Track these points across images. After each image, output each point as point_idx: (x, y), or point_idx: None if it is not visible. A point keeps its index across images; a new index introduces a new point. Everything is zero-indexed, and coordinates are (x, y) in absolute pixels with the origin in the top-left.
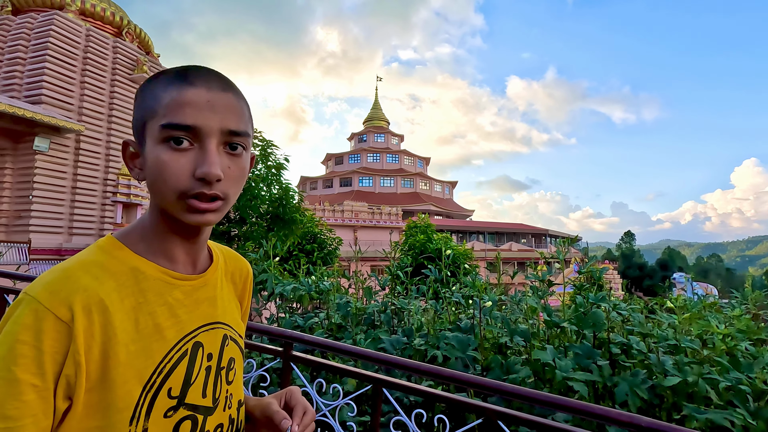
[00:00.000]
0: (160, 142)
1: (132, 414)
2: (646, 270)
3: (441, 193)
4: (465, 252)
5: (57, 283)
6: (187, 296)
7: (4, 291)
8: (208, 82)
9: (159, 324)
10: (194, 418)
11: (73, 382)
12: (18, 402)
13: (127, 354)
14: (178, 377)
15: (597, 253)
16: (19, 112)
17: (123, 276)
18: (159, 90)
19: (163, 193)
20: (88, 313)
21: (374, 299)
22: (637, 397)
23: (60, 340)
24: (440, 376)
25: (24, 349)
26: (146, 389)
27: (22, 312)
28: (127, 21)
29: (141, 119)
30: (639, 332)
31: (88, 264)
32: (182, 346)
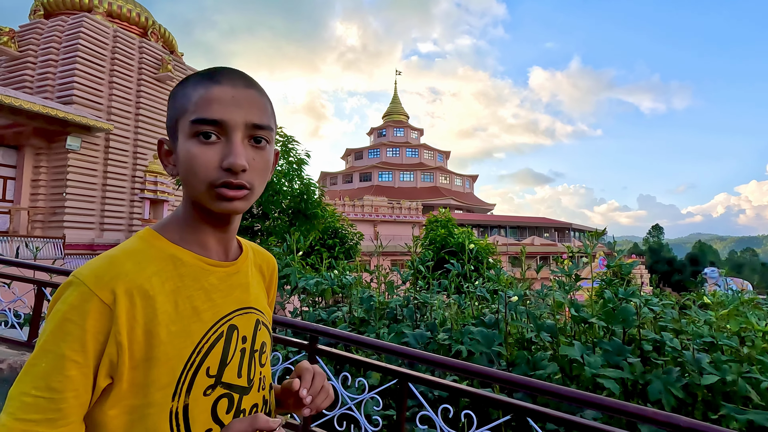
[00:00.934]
0: (190, 137)
1: (174, 390)
2: (676, 265)
3: (461, 187)
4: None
5: (102, 269)
6: (221, 282)
7: (42, 284)
8: (232, 80)
9: (196, 307)
10: (231, 396)
11: (115, 361)
12: (62, 376)
13: (168, 334)
14: (215, 357)
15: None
16: (52, 113)
17: (162, 262)
18: (189, 90)
19: (193, 185)
20: (130, 296)
21: (396, 293)
22: (671, 395)
23: (102, 321)
24: (468, 372)
25: (70, 327)
26: (187, 367)
27: (70, 293)
28: (151, 21)
29: (173, 118)
30: (672, 329)
31: (130, 252)
32: (218, 327)
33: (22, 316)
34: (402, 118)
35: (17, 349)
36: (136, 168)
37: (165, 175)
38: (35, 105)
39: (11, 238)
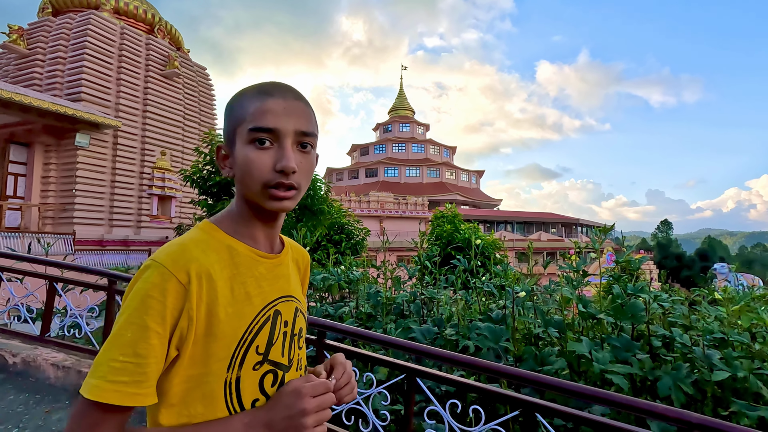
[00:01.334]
0: (247, 143)
1: (229, 363)
2: (684, 260)
3: (467, 183)
4: (494, 242)
5: (177, 254)
6: (268, 271)
7: (53, 279)
8: (283, 93)
9: (249, 292)
10: (275, 372)
11: (184, 334)
12: (146, 344)
13: (226, 314)
14: (263, 337)
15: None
16: (61, 110)
17: (221, 252)
18: (245, 102)
19: (249, 185)
20: (199, 278)
21: (403, 289)
22: (681, 391)
23: (179, 298)
24: (475, 367)
25: (152, 302)
26: (240, 344)
27: (151, 273)
28: (158, 18)
29: (232, 126)
30: (682, 325)
31: (197, 241)
32: (266, 312)
33: (34, 311)
34: (408, 113)
35: (30, 344)
36: (144, 164)
37: (172, 172)
38: (45, 102)
39: (23, 234)
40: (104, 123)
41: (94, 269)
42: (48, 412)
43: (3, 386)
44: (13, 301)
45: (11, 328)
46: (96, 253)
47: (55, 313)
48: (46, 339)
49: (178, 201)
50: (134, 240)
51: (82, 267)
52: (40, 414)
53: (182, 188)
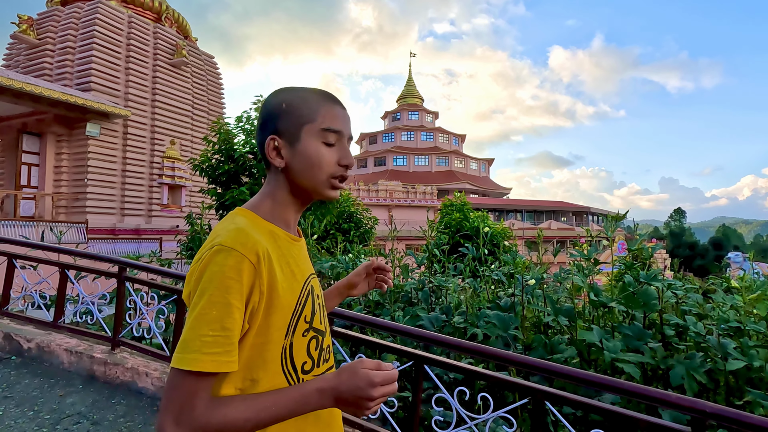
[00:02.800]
0: (318, 140)
1: (285, 332)
2: (698, 249)
3: (477, 171)
4: (503, 230)
5: (244, 237)
6: (299, 252)
7: (66, 267)
8: (341, 104)
9: (293, 270)
10: (317, 338)
11: (256, 307)
12: (231, 319)
13: (282, 289)
14: (308, 308)
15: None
16: (71, 100)
17: (266, 235)
18: (314, 104)
19: (315, 176)
20: (264, 258)
21: (411, 277)
22: (694, 381)
23: (251, 276)
24: (484, 354)
25: (231, 282)
26: (294, 315)
27: (225, 257)
28: (165, 6)
29: (297, 123)
30: (696, 313)
31: (249, 226)
32: (306, 286)
33: (47, 298)
34: (417, 101)
35: (44, 329)
36: (153, 154)
37: (182, 161)
38: (55, 92)
39: (37, 223)
40: (114, 112)
41: (104, 257)
42: (62, 395)
43: (19, 370)
44: (28, 288)
45: (26, 314)
46: (109, 241)
47: (67, 299)
48: (60, 325)
49: (188, 190)
50: (146, 228)
51: (93, 254)
52: (54, 398)
53: (192, 177)
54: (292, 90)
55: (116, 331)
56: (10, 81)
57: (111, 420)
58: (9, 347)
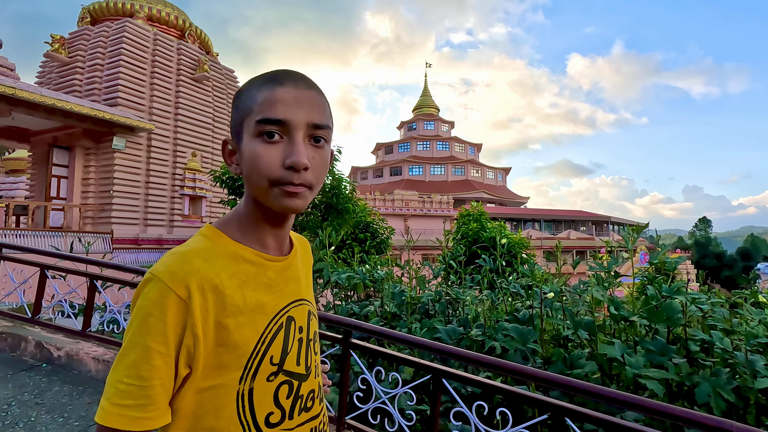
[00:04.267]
0: (255, 136)
1: (241, 375)
2: (725, 260)
3: (494, 180)
4: (521, 241)
5: (175, 266)
6: (278, 276)
7: (94, 277)
8: (295, 81)
9: (260, 299)
10: (291, 383)
11: (192, 351)
12: (149, 365)
13: (237, 325)
14: (277, 346)
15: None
16: (99, 115)
17: (227, 259)
18: (254, 92)
19: (256, 183)
20: (202, 291)
21: (427, 288)
22: (721, 398)
23: (179, 314)
24: (504, 369)
25: (152, 321)
26: (253, 355)
27: (149, 289)
28: (188, 23)
29: (239, 119)
30: (722, 328)
31: (199, 249)
32: (279, 319)
33: (76, 307)
34: (432, 110)
35: (72, 338)
36: (176, 166)
37: (203, 173)
38: (84, 108)
39: (65, 233)
40: (139, 126)
41: (130, 267)
42: (90, 403)
43: (49, 378)
44: (57, 297)
45: (56, 323)
46: (132, 251)
47: (95, 309)
48: (88, 334)
49: (209, 201)
50: (167, 239)
51: (119, 265)
52: (82, 405)
53: (212, 188)
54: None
55: None
56: (43, 98)
57: None
58: (40, 355)
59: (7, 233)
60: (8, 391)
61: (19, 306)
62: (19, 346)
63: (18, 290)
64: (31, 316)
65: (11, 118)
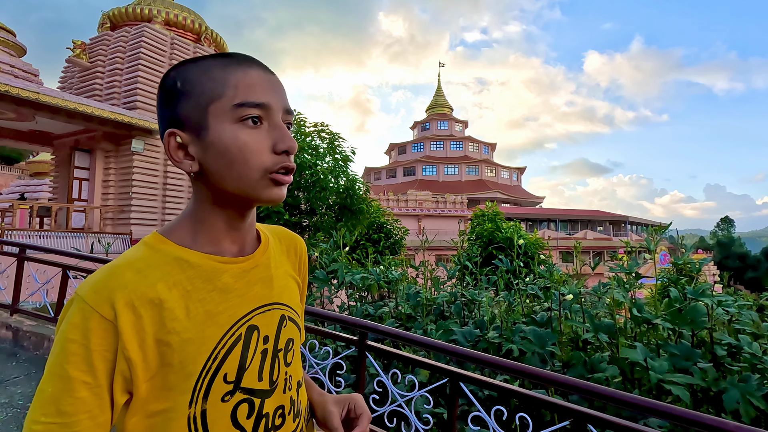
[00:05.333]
0: (234, 122)
1: (190, 397)
2: (749, 260)
3: (508, 180)
4: (537, 241)
5: (100, 283)
6: (237, 279)
7: None
8: (259, 64)
9: (210, 310)
10: (251, 401)
11: (128, 376)
12: (72, 398)
13: (181, 342)
14: (233, 362)
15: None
16: (119, 118)
17: (167, 267)
18: (217, 73)
19: (242, 173)
20: (132, 308)
21: (442, 289)
22: (750, 405)
23: (106, 338)
24: (522, 373)
25: (74, 347)
26: (202, 375)
27: (72, 312)
28: (204, 27)
29: (200, 104)
30: (750, 332)
31: (132, 260)
32: (236, 330)
33: None
34: (446, 110)
35: None
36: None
37: None
38: (105, 111)
39: (86, 234)
40: (157, 129)
41: None
42: None
43: None
44: None
45: None
46: None
47: None
48: None
49: None
50: None
51: None
52: None
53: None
54: (192, 62)
55: None
56: (65, 102)
57: None
58: None
59: (31, 234)
60: (32, 389)
61: (42, 306)
62: (43, 345)
63: (41, 290)
64: (53, 316)
65: (35, 122)
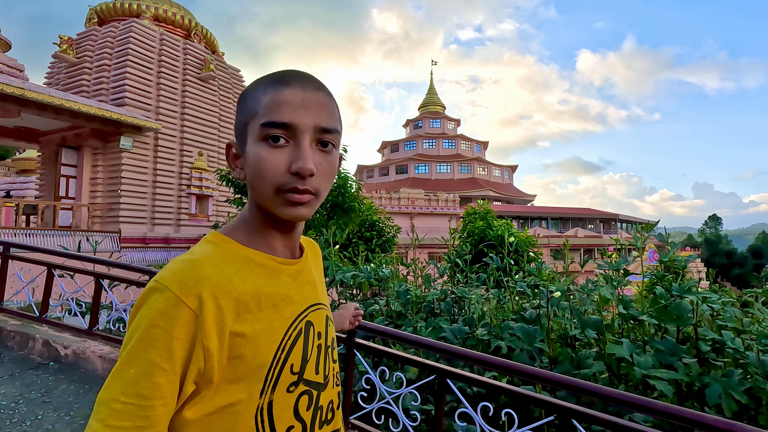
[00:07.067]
0: (259, 140)
1: (262, 387)
2: (736, 258)
3: (500, 178)
4: (528, 239)
5: (185, 274)
6: (293, 279)
7: (100, 276)
8: (302, 82)
9: (276, 305)
10: (311, 393)
11: (203, 367)
12: (150, 383)
13: (254, 333)
14: (297, 354)
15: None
16: (107, 115)
17: (238, 263)
18: (259, 93)
19: (260, 189)
20: (215, 300)
21: (433, 287)
22: (732, 400)
23: (188, 327)
24: (509, 370)
25: (157, 333)
26: (273, 364)
27: (155, 298)
28: (194, 23)
29: (243, 122)
30: (733, 328)
31: (208, 256)
32: (297, 324)
33: (83, 305)
34: (438, 108)
35: (79, 336)
36: (182, 165)
37: (209, 172)
38: (92, 108)
39: (74, 233)
40: (146, 126)
41: (136, 267)
42: None
43: (56, 376)
44: (65, 296)
45: (63, 321)
46: (139, 250)
47: (102, 307)
48: (94, 332)
49: (215, 200)
50: (174, 237)
51: (125, 264)
52: (89, 403)
53: (218, 187)
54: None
55: None
56: (52, 98)
57: None
58: (48, 353)
59: (17, 232)
60: (16, 389)
61: (27, 305)
62: (27, 345)
63: (26, 289)
64: (38, 315)
65: (20, 119)
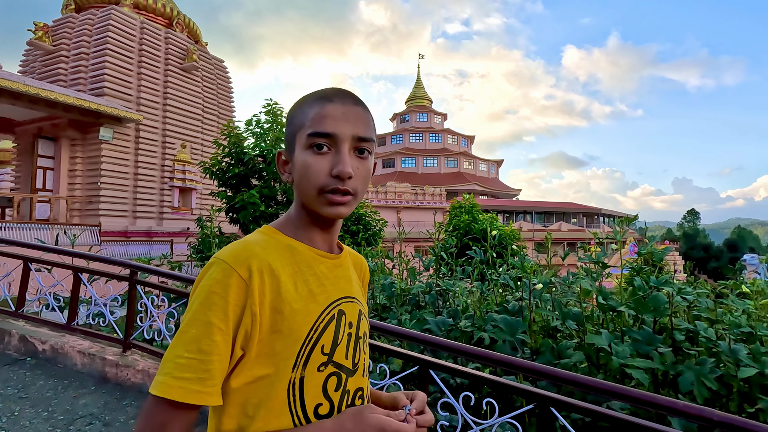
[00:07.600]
0: (306, 148)
1: (294, 362)
2: (712, 251)
3: (486, 173)
4: (512, 232)
5: (239, 250)
6: (329, 271)
7: (79, 270)
8: (343, 98)
9: (312, 290)
10: (339, 375)
11: (249, 331)
12: (209, 340)
13: (291, 311)
14: (328, 336)
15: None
16: (85, 105)
17: (281, 249)
18: (306, 108)
19: (306, 190)
20: (260, 274)
21: (418, 280)
22: (704, 387)
23: (240, 294)
24: (491, 360)
25: (215, 298)
26: (305, 343)
27: (214, 270)
28: (176, 12)
29: (292, 133)
30: (707, 318)
31: (258, 240)
32: (330, 310)
33: (61, 300)
34: (425, 102)
35: (58, 331)
36: (165, 157)
37: (192, 164)
38: (69, 97)
39: (52, 226)
40: (126, 117)
41: (116, 260)
42: (75, 396)
43: (34, 372)
44: (42, 290)
45: (41, 316)
46: (121, 243)
47: (81, 302)
48: (73, 327)
49: (199, 193)
50: (157, 231)
51: (104, 258)
52: (67, 399)
53: (202, 180)
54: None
55: (128, 334)
56: (27, 87)
57: (122, 421)
58: (24, 349)
59: None
60: None
61: (3, 299)
62: (3, 340)
63: (1, 283)
64: (14, 310)
65: None
